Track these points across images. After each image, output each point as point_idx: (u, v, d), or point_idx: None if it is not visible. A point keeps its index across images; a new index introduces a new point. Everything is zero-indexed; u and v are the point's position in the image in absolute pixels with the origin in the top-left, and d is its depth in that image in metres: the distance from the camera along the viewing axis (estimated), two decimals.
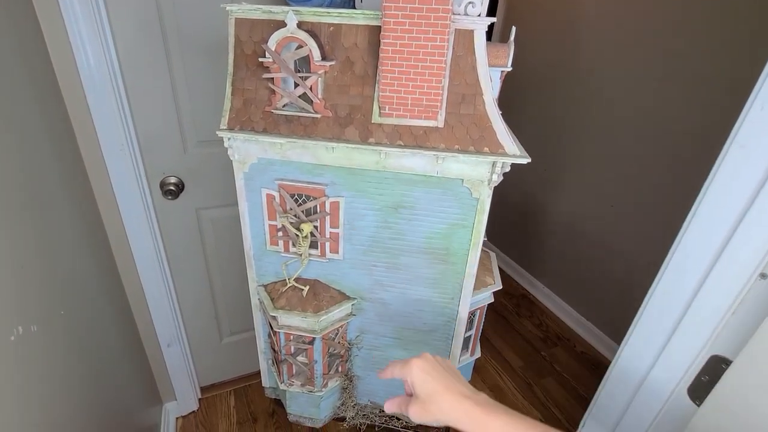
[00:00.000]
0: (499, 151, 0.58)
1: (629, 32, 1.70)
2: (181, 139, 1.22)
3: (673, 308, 0.60)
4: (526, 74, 2.23)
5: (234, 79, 0.62)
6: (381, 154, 0.61)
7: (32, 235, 0.74)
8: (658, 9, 1.58)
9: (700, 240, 0.56)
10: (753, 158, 0.49)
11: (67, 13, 0.92)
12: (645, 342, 0.65)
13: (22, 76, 0.79)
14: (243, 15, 0.59)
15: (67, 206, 0.93)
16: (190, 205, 1.32)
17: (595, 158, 1.96)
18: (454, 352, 0.78)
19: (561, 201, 2.18)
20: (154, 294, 1.34)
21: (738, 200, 0.51)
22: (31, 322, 0.71)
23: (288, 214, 0.69)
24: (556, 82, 2.10)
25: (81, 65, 0.98)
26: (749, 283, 0.51)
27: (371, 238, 0.70)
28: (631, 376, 0.68)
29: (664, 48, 1.58)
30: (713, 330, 0.56)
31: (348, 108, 0.61)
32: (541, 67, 2.17)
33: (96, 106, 1.04)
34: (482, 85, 0.57)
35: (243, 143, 0.65)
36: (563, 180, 2.15)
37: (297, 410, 0.85)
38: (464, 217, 0.65)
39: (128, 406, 1.18)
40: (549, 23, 2.11)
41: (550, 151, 2.18)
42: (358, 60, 0.60)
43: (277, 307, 0.72)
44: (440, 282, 0.72)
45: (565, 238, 2.18)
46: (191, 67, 1.13)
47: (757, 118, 0.48)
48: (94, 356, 0.97)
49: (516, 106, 2.35)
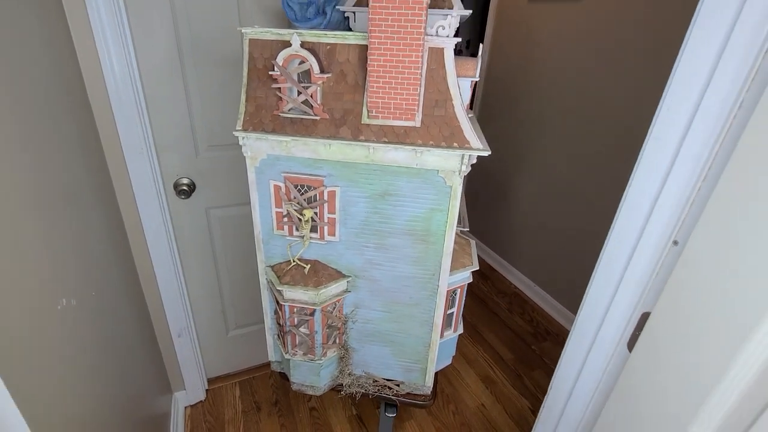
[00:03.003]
0: (465, 145, 0.71)
1: (580, 48, 1.99)
2: (194, 143, 1.34)
3: (613, 275, 0.72)
4: (509, 81, 2.42)
5: (248, 89, 0.75)
6: (370, 149, 0.74)
7: (68, 224, 0.86)
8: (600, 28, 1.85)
9: (630, 216, 0.68)
10: (664, 149, 0.62)
11: (97, 33, 1.05)
12: (594, 307, 0.77)
13: (60, 89, 0.92)
14: (256, 36, 0.73)
15: (94, 202, 1.05)
16: (201, 204, 1.45)
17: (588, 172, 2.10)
18: (436, 322, 0.90)
19: (555, 208, 2.31)
20: (167, 286, 1.46)
21: (654, 183, 0.63)
22: (71, 296, 0.83)
23: (292, 202, 0.81)
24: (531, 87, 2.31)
25: (108, 78, 1.11)
26: (666, 249, 0.63)
27: (363, 222, 0.82)
28: (585, 339, 0.80)
29: (608, 60, 1.87)
30: (642, 291, 0.68)
31: (342, 111, 0.74)
32: (518, 74, 2.38)
33: (119, 115, 1.16)
34: (451, 92, 0.70)
35: (255, 142, 0.77)
36: (551, 186, 2.29)
37: (299, 378, 0.97)
38: (440, 202, 0.78)
39: (143, 393, 1.28)
40: (523, 39, 2.30)
41: (550, 161, 2.32)
42: (350, 72, 0.73)
43: (282, 282, 0.84)
44: (422, 260, 0.84)
45: (551, 239, 2.31)
46: (203, 79, 1.27)
47: (666, 117, 0.61)
48: (118, 340, 1.08)
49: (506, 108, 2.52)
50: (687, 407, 0.55)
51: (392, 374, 1.00)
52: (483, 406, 1.83)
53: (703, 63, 0.55)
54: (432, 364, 0.97)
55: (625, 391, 0.67)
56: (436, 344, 0.94)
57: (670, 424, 0.59)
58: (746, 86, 0.51)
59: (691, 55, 0.56)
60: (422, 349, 0.95)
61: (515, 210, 2.56)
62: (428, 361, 0.96)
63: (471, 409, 1.82)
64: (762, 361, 0.48)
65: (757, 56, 0.49)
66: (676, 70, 0.59)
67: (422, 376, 0.99)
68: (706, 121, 0.56)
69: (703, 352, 0.54)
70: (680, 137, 0.59)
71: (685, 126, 0.58)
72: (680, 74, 0.58)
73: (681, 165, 0.59)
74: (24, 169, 0.70)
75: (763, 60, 0.49)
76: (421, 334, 0.93)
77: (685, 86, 0.58)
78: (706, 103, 0.55)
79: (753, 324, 0.48)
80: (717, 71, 0.53)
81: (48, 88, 0.84)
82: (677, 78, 0.59)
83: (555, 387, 0.90)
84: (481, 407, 1.83)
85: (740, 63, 0.51)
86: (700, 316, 0.54)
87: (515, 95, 2.46)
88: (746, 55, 0.50)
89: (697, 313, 0.55)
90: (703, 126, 0.56)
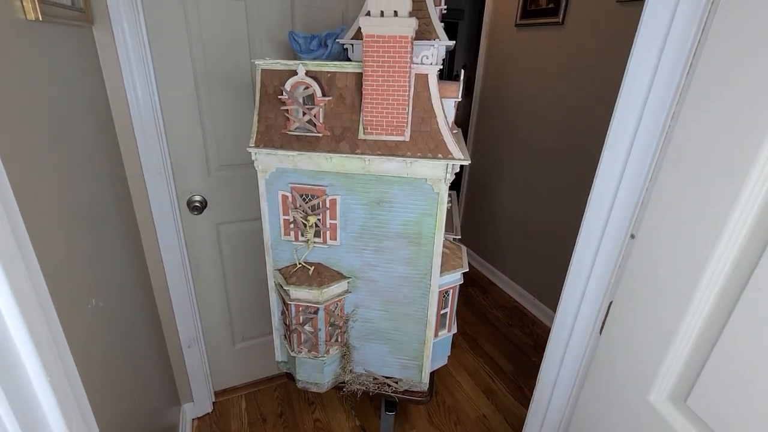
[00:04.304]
0: (449, 156, 0.81)
1: (562, 69, 2.16)
2: (206, 163, 1.46)
3: (583, 270, 0.81)
4: (500, 100, 2.57)
5: (260, 111, 0.87)
6: (366, 161, 0.85)
7: (94, 235, 0.95)
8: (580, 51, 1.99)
9: (594, 216, 0.78)
10: (617, 155, 0.72)
11: (124, 68, 1.18)
12: (569, 301, 0.85)
13: (92, 121, 1.04)
14: (267, 67, 0.85)
15: (116, 218, 1.16)
16: (212, 220, 1.55)
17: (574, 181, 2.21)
18: (430, 319, 0.98)
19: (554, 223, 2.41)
20: (179, 297, 1.54)
21: (611, 185, 0.73)
22: (99, 297, 0.92)
23: (298, 209, 0.91)
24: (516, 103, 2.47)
25: (132, 109, 1.23)
26: (624, 242, 0.72)
27: (361, 227, 0.92)
28: (563, 332, 0.88)
29: (585, 79, 2.04)
30: (608, 282, 0.76)
31: (341, 129, 0.85)
32: (508, 94, 2.54)
33: (141, 140, 1.28)
34: (435, 111, 0.81)
35: (265, 156, 0.88)
36: (544, 198, 2.40)
37: (304, 376, 1.04)
38: (429, 207, 0.87)
39: (154, 403, 1.34)
40: (511, 62, 2.46)
41: (545, 174, 2.44)
42: (348, 96, 0.84)
43: (289, 283, 0.93)
44: (415, 260, 0.93)
45: (548, 249, 2.39)
46: (215, 107, 1.39)
47: (617, 128, 0.71)
48: (133, 350, 1.15)
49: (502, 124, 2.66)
50: (645, 377, 0.63)
51: (391, 371, 1.07)
52: (484, 417, 1.87)
53: (641, 83, 0.66)
54: (427, 361, 1.04)
55: (599, 369, 0.74)
56: (430, 341, 1.01)
57: (634, 390, 0.66)
58: (674, 103, 0.61)
59: (632, 78, 0.67)
60: (418, 346, 1.03)
61: (514, 224, 2.65)
62: (424, 358, 1.03)
63: (472, 419, 1.86)
64: (694, 335, 0.56)
65: (679, 82, 0.60)
66: (623, 88, 0.69)
67: (419, 373, 1.06)
68: (647, 130, 0.66)
69: (651, 331, 0.62)
70: (629, 144, 0.69)
71: (631, 134, 0.68)
72: (626, 91, 0.69)
73: (631, 168, 0.69)
74: (62, 190, 0.81)
75: (684, 88, 0.60)
76: (416, 331, 1.01)
77: (629, 101, 0.68)
78: (646, 115, 0.65)
79: (684, 305, 0.56)
80: (651, 93, 0.64)
81: (82, 121, 0.96)
82: (623, 94, 0.69)
83: (541, 380, 0.97)
84: (483, 418, 1.86)
85: (668, 86, 0.62)
86: (649, 298, 0.63)
87: (507, 113, 2.60)
88: (671, 80, 0.61)
89: (647, 294, 0.63)
90: (645, 135, 0.66)
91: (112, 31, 1.13)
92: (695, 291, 0.55)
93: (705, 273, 0.53)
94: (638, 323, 0.65)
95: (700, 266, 0.54)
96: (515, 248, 2.67)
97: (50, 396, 0.47)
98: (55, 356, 0.52)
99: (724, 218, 0.51)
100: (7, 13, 0.68)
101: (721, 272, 0.53)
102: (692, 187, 0.55)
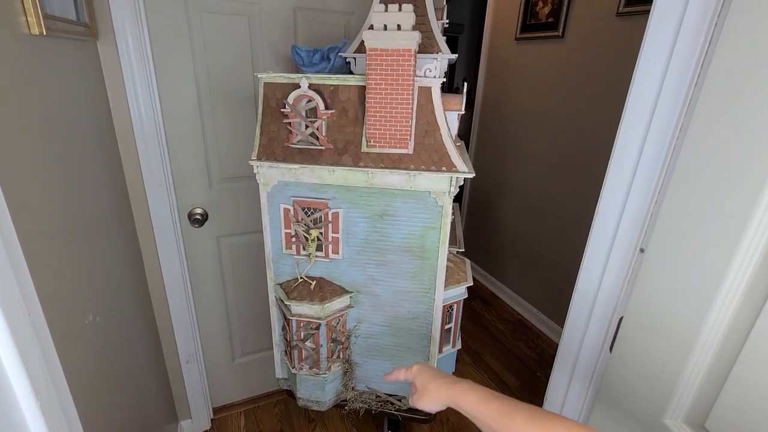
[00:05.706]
0: (453, 169, 0.80)
1: (562, 81, 2.18)
2: (208, 176, 1.45)
3: (591, 285, 0.79)
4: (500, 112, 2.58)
5: (262, 124, 0.86)
6: (369, 174, 0.84)
7: (94, 249, 0.94)
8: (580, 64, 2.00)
9: (602, 229, 0.76)
10: (624, 168, 0.71)
11: (128, 82, 1.19)
12: (578, 317, 0.83)
13: (95, 135, 1.04)
14: (270, 80, 0.85)
15: (116, 231, 1.15)
16: (213, 232, 1.54)
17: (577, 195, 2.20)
18: (434, 335, 0.96)
19: (557, 237, 2.39)
20: (178, 311, 1.52)
21: (619, 198, 0.72)
22: (96, 313, 0.91)
23: (300, 223, 0.90)
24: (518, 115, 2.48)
25: (135, 122, 1.23)
26: (634, 257, 0.71)
27: (363, 240, 0.90)
28: (571, 350, 0.85)
29: (586, 92, 2.03)
30: (618, 297, 0.74)
31: (344, 142, 0.84)
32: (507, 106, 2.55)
33: (143, 153, 1.28)
34: (439, 123, 0.80)
35: (267, 169, 0.87)
36: (547, 210, 2.38)
37: (305, 394, 1.01)
38: (433, 220, 0.86)
39: (152, 420, 1.31)
40: (511, 75, 2.48)
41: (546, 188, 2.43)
42: (351, 108, 0.84)
43: (290, 298, 0.91)
44: (419, 275, 0.91)
45: (553, 261, 2.36)
46: (217, 120, 1.39)
47: (623, 140, 0.70)
48: (132, 365, 1.13)
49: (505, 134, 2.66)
50: (659, 398, 0.61)
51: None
52: None
53: (647, 96, 0.65)
54: None
55: (610, 389, 0.72)
56: (434, 357, 0.99)
57: (648, 412, 0.63)
58: (683, 114, 0.60)
59: (637, 92, 0.66)
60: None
61: (517, 236, 2.63)
62: None
63: None
64: (712, 352, 0.54)
65: (684, 101, 0.60)
66: (628, 104, 0.69)
67: None
68: (655, 142, 0.65)
69: (665, 348, 0.60)
70: (636, 156, 0.68)
71: (639, 147, 0.67)
72: (631, 105, 0.68)
73: (639, 180, 0.68)
74: (61, 204, 0.80)
75: (689, 107, 0.59)
76: (419, 347, 0.99)
77: (635, 114, 0.67)
78: (653, 127, 0.64)
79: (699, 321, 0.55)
80: (658, 105, 0.63)
81: (84, 134, 0.96)
82: (629, 107, 0.69)
83: (548, 400, 0.94)
84: None
85: (675, 98, 0.61)
86: (661, 313, 0.61)
87: (508, 126, 2.60)
88: (678, 92, 0.60)
89: (659, 310, 0.61)
90: (653, 147, 0.65)
91: (116, 45, 1.14)
92: (711, 306, 0.53)
93: (722, 286, 0.52)
94: (651, 340, 0.63)
95: (717, 280, 0.52)
96: (518, 260, 2.64)
97: (40, 421, 0.45)
98: (47, 378, 0.50)
99: (741, 228, 0.49)
100: (12, 27, 0.68)
101: (739, 285, 0.51)
102: (705, 198, 0.54)
